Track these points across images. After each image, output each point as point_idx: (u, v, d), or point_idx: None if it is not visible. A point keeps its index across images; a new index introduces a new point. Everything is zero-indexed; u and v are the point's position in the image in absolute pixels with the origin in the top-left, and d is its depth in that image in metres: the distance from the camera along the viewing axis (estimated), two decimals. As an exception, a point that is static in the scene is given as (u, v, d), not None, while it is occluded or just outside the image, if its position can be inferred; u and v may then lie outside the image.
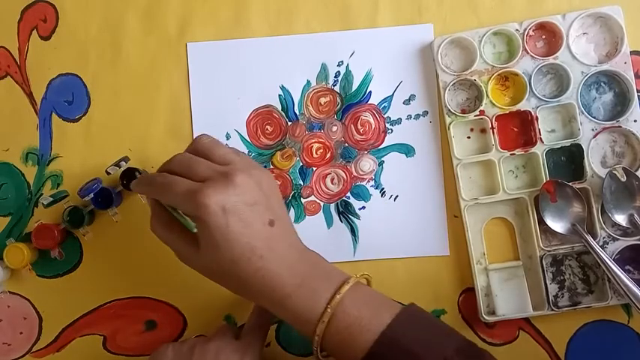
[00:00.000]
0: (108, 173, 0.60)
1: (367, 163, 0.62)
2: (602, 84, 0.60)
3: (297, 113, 0.62)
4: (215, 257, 0.48)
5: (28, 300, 0.63)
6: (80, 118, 0.63)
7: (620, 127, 0.59)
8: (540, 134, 0.59)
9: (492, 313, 0.59)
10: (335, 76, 0.62)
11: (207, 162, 0.49)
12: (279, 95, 0.62)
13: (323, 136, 0.62)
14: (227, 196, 0.46)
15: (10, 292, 0.63)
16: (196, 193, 0.46)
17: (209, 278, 0.51)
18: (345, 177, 0.62)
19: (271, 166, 0.62)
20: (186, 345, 0.53)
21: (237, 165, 0.49)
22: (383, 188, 0.61)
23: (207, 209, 0.46)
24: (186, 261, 0.51)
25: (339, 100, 0.62)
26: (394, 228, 0.61)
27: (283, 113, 0.62)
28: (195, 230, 0.48)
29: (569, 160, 0.60)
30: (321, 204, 0.62)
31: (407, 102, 0.62)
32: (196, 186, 0.47)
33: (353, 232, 0.62)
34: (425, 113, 0.62)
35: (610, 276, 0.56)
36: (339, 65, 0.62)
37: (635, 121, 0.59)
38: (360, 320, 0.47)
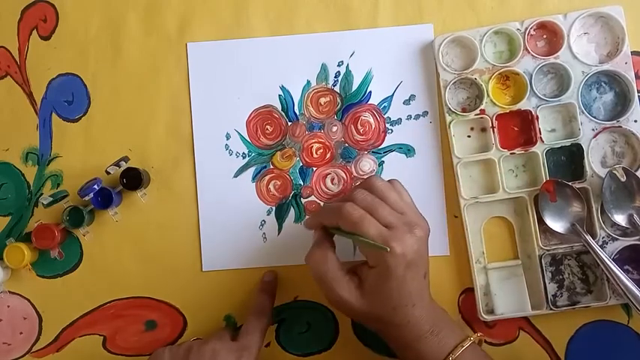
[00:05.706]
0: (108, 173, 0.60)
1: (367, 163, 0.62)
2: (602, 84, 0.60)
3: (297, 113, 0.62)
4: (379, 302, 0.51)
5: (28, 300, 0.63)
6: (80, 118, 0.63)
7: (621, 127, 0.59)
8: (540, 134, 0.59)
9: (491, 312, 0.59)
10: (335, 76, 0.62)
11: (388, 207, 0.52)
12: (279, 95, 0.62)
13: (323, 136, 0.62)
14: (411, 249, 0.50)
15: (10, 292, 0.63)
16: (389, 240, 0.49)
17: (354, 317, 0.56)
18: (345, 177, 0.62)
19: (271, 166, 0.62)
20: (183, 347, 0.54)
21: (412, 216, 0.52)
22: (383, 188, 0.61)
23: (396, 259, 0.49)
24: (339, 301, 0.52)
25: (339, 100, 0.62)
26: (394, 228, 0.61)
27: (283, 113, 0.62)
28: (388, 249, 0.49)
29: (569, 160, 0.60)
30: (322, 204, 0.62)
31: (407, 102, 0.62)
32: (387, 233, 0.50)
33: (353, 232, 0.61)
34: (425, 113, 0.61)
35: (609, 276, 0.56)
36: (339, 65, 0.62)
37: (635, 121, 0.59)
38: None
